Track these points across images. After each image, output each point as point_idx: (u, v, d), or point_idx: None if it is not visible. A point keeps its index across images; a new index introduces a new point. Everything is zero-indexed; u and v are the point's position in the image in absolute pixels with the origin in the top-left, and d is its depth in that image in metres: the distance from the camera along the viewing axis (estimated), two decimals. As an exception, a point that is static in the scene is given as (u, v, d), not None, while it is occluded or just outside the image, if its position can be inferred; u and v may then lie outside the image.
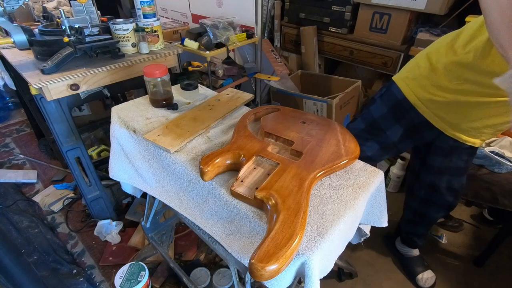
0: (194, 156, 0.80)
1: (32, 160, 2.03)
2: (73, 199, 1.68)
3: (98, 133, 1.98)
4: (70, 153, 1.24)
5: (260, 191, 0.63)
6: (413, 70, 0.97)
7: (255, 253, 0.51)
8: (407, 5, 1.60)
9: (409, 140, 1.07)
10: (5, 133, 2.35)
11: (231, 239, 0.69)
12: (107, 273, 1.33)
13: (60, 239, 1.49)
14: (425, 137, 1.04)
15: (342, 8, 1.87)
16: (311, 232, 0.60)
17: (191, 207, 0.80)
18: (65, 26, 1.09)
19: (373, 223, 0.85)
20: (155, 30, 1.27)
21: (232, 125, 0.92)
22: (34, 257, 1.34)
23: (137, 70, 1.22)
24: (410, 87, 0.97)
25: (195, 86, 1.05)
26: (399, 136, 1.05)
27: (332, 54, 2.08)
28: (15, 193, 1.72)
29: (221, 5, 2.00)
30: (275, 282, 0.61)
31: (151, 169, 0.89)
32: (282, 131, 0.81)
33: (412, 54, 1.72)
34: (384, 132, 1.06)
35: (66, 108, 1.14)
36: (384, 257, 1.43)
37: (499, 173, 1.28)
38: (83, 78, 1.09)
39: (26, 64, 1.14)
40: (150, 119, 0.94)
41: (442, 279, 1.34)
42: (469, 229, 1.58)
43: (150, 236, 1.22)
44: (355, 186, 0.72)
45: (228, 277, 1.24)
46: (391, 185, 1.78)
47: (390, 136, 1.06)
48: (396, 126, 1.04)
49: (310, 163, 0.70)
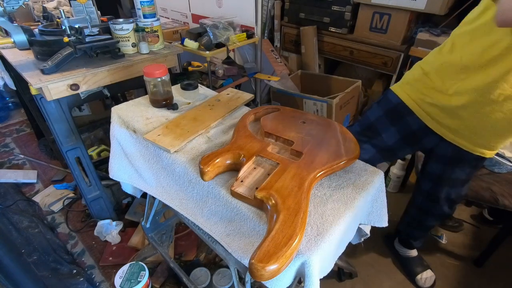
0: (194, 156, 0.80)
1: (32, 160, 2.03)
2: (73, 199, 1.68)
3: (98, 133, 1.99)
4: (70, 153, 1.24)
5: (260, 191, 0.63)
6: (408, 77, 1.00)
7: (255, 253, 0.51)
8: (407, 5, 1.60)
9: (408, 148, 1.06)
10: (5, 133, 2.35)
11: (231, 239, 0.69)
12: (107, 273, 1.33)
13: (60, 239, 1.49)
14: (424, 144, 1.03)
15: (342, 8, 1.87)
16: (311, 232, 0.60)
17: (191, 207, 0.80)
18: (65, 26, 1.09)
19: (373, 223, 0.84)
20: (155, 30, 1.27)
21: (232, 125, 0.92)
22: (34, 257, 1.34)
23: (137, 70, 1.22)
24: (405, 91, 0.99)
25: (195, 86, 1.05)
26: (396, 141, 1.04)
27: (332, 54, 2.08)
28: (15, 193, 1.72)
29: (221, 5, 2.00)
30: (275, 282, 0.61)
31: (151, 169, 0.89)
32: (282, 131, 0.81)
33: (412, 54, 1.72)
34: (380, 134, 1.06)
35: (66, 108, 1.14)
36: (384, 257, 1.43)
37: (499, 173, 1.28)
38: (83, 78, 1.09)
39: (26, 64, 1.14)
40: (150, 119, 0.94)
41: (442, 279, 1.34)
42: (469, 229, 1.58)
43: (150, 236, 1.22)
44: (355, 186, 0.72)
45: (228, 277, 1.24)
46: (391, 185, 1.78)
47: (386, 139, 1.05)
48: (391, 130, 1.03)
49: (310, 163, 0.70)
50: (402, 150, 1.07)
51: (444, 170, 1.03)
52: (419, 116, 0.96)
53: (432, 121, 0.95)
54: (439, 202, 1.10)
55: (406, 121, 1.00)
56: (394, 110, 1.02)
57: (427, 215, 1.18)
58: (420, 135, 1.00)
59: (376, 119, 1.06)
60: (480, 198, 1.21)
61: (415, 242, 1.32)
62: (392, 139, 1.04)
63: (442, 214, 1.14)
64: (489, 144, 0.91)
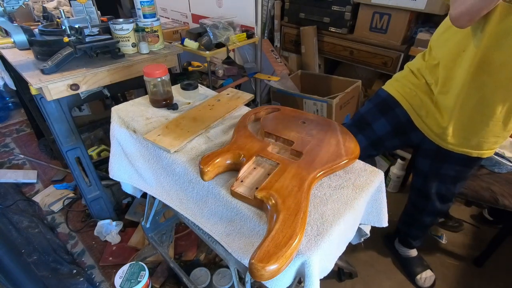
0: (194, 156, 0.80)
1: (32, 160, 2.03)
2: (73, 199, 1.68)
3: (98, 133, 1.99)
4: (70, 153, 1.24)
5: (260, 191, 0.63)
6: (396, 75, 1.08)
7: (255, 253, 0.51)
8: (407, 5, 1.60)
9: (396, 139, 1.08)
10: (5, 133, 2.35)
11: (231, 239, 0.69)
12: (107, 273, 1.33)
13: (60, 239, 1.49)
14: (412, 138, 1.05)
15: (342, 8, 1.87)
16: (311, 232, 0.60)
17: (191, 207, 0.80)
18: (65, 26, 1.09)
19: (373, 223, 0.85)
20: (155, 30, 1.27)
21: (232, 125, 0.92)
22: (34, 257, 1.34)
23: (137, 70, 1.22)
24: (393, 86, 1.06)
25: (195, 86, 1.05)
26: (386, 133, 1.07)
27: (332, 54, 2.08)
28: (15, 193, 1.72)
29: (221, 5, 2.00)
30: (275, 282, 0.61)
31: (151, 169, 0.89)
32: (282, 131, 0.81)
33: (412, 54, 1.72)
34: (370, 125, 1.08)
35: (66, 108, 1.14)
36: (384, 257, 1.43)
37: (499, 173, 1.28)
38: (83, 78, 1.09)
39: (26, 64, 1.14)
40: (150, 119, 0.94)
41: (442, 279, 1.34)
42: (469, 229, 1.58)
43: (150, 236, 1.22)
44: (355, 186, 0.72)
45: (228, 277, 1.24)
46: (391, 185, 1.78)
47: (376, 130, 1.07)
48: (382, 121, 1.06)
49: (310, 163, 0.70)
50: (390, 141, 1.09)
51: (432, 165, 1.05)
52: (405, 108, 1.01)
53: (416, 115, 0.99)
54: (430, 198, 1.11)
55: (395, 112, 1.03)
56: (383, 103, 1.06)
57: (421, 212, 1.19)
58: (408, 129, 1.03)
59: (366, 111, 1.10)
60: (480, 198, 1.21)
61: (414, 242, 1.32)
62: (383, 129, 1.06)
63: (435, 211, 1.15)
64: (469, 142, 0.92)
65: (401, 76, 1.04)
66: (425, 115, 0.97)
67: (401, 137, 1.07)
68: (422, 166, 1.09)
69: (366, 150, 1.10)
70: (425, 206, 1.15)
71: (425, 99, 0.96)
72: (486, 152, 0.93)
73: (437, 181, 1.07)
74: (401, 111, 1.01)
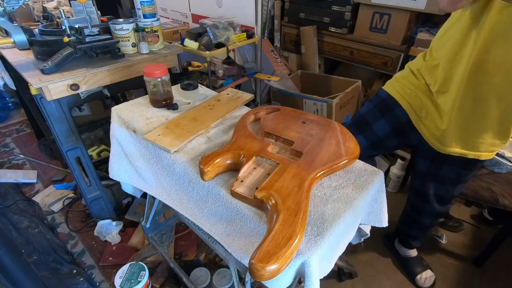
0: (194, 156, 0.80)
1: (32, 160, 2.03)
2: (73, 199, 1.68)
3: (98, 133, 1.99)
4: (70, 153, 1.24)
5: (260, 191, 0.63)
6: (396, 75, 1.08)
7: (255, 253, 0.51)
8: (407, 5, 1.60)
9: (396, 139, 1.08)
10: (5, 133, 2.35)
11: (231, 239, 0.69)
12: (107, 273, 1.33)
13: (60, 239, 1.49)
14: (411, 139, 1.04)
15: (342, 8, 1.87)
16: (311, 232, 0.60)
17: (191, 207, 0.80)
18: (65, 26, 1.09)
19: (373, 223, 0.84)
20: (155, 30, 1.27)
21: (232, 125, 0.92)
22: (34, 257, 1.34)
23: (137, 70, 1.22)
24: (393, 86, 1.06)
25: (195, 86, 1.05)
26: (386, 133, 1.06)
27: (332, 54, 2.08)
28: (15, 193, 1.72)
29: (221, 5, 2.00)
30: (275, 282, 0.61)
31: (151, 169, 0.89)
32: (282, 131, 0.81)
33: (412, 54, 1.72)
34: (370, 126, 1.08)
35: (66, 108, 1.14)
36: (384, 257, 1.43)
37: (499, 173, 1.28)
38: (83, 78, 1.09)
39: (26, 64, 1.14)
40: (150, 119, 0.94)
41: (442, 279, 1.34)
42: (469, 229, 1.58)
43: (150, 236, 1.22)
44: (355, 186, 0.72)
45: (228, 277, 1.24)
46: (391, 185, 1.78)
47: (376, 131, 1.07)
48: (381, 121, 1.06)
49: (310, 163, 0.70)
50: (390, 141, 1.09)
51: (430, 166, 1.05)
52: (405, 108, 1.00)
53: (415, 116, 0.99)
54: (429, 199, 1.11)
55: (395, 113, 1.03)
56: (383, 103, 1.06)
57: (420, 213, 1.19)
58: (408, 129, 1.02)
59: (366, 111, 1.10)
60: (480, 198, 1.21)
61: (414, 242, 1.32)
62: (383, 130, 1.06)
63: (434, 212, 1.15)
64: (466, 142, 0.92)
65: (401, 76, 1.04)
66: (425, 116, 0.97)
67: (401, 137, 1.07)
68: (420, 167, 1.09)
69: (366, 150, 1.10)
70: (423, 207, 1.15)
71: (425, 100, 0.96)
72: (483, 153, 0.93)
73: (435, 182, 1.07)
74: (401, 111, 1.01)
